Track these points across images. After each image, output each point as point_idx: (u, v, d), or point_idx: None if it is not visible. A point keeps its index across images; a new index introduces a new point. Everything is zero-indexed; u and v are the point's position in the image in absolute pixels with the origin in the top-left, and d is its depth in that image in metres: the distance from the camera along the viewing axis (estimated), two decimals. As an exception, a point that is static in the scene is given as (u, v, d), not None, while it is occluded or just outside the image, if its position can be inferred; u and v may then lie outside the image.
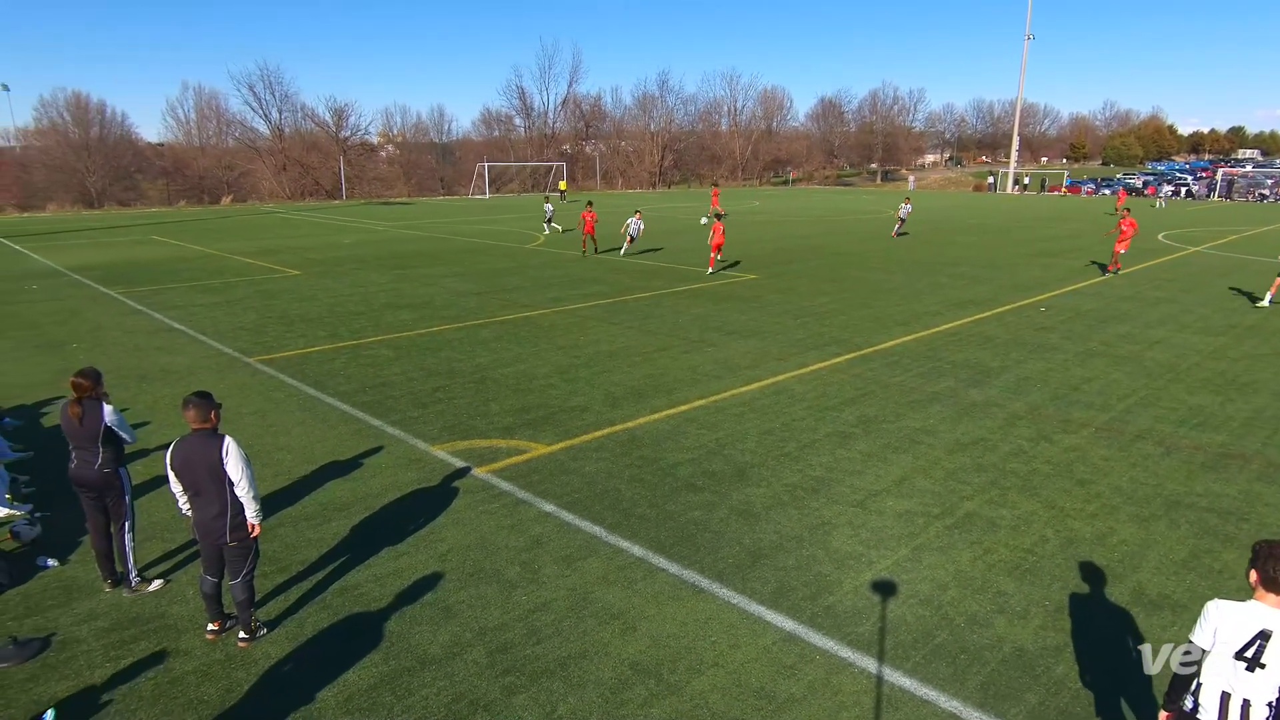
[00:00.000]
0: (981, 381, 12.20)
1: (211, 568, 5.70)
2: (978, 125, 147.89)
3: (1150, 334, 15.57)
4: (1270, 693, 3.52)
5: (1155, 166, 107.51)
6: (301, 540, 7.27)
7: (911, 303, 18.86)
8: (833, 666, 5.45)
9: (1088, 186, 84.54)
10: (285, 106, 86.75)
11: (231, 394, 11.52)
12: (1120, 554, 6.97)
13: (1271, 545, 3.61)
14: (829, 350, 14.15)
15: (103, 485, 6.28)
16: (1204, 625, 3.65)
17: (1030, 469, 8.85)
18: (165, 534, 7.33)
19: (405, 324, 16.58)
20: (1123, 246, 23.47)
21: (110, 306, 19.03)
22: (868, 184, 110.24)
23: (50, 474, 8.93)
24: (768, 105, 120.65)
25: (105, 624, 6.02)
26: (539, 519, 7.67)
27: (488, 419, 10.52)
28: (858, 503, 7.98)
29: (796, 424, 10.28)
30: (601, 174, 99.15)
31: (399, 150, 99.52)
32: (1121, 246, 23.48)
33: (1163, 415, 10.67)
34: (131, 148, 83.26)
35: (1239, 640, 3.54)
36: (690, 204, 61.84)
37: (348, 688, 5.25)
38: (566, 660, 5.52)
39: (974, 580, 6.53)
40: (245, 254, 29.51)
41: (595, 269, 24.83)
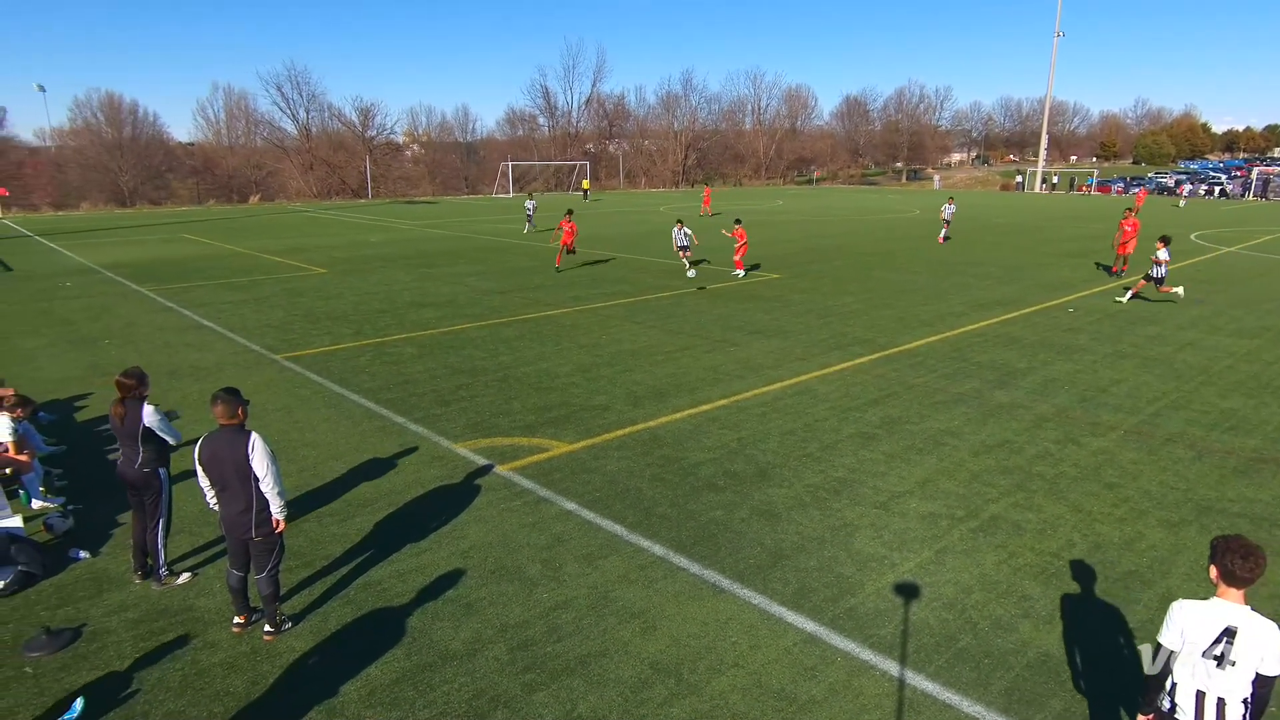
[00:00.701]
0: (1008, 383, 12.06)
1: (238, 562, 5.79)
2: (1005, 124, 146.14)
3: (1181, 336, 15.29)
4: (1244, 689, 3.51)
5: (1188, 165, 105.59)
6: (326, 535, 7.36)
7: (936, 303, 18.67)
8: (854, 669, 5.41)
9: (1117, 185, 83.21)
10: (312, 106, 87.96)
11: (258, 390, 11.68)
12: (1149, 559, 6.86)
13: (1228, 540, 3.61)
14: (852, 350, 14.05)
15: (142, 484, 6.40)
16: (1170, 626, 3.65)
17: (1057, 472, 8.73)
18: (193, 528, 7.45)
19: (429, 322, 16.70)
20: (1126, 249, 22.92)
21: (141, 303, 19.37)
22: (892, 183, 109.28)
23: (83, 468, 9.11)
24: (792, 104, 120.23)
25: (135, 615, 6.13)
26: (560, 517, 7.69)
27: (510, 417, 10.57)
28: (881, 504, 7.92)
29: (819, 424, 10.22)
30: (624, 173, 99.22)
31: (424, 150, 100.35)
32: (1125, 249, 22.94)
33: (1194, 418, 10.48)
34: (163, 147, 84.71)
35: (1206, 639, 3.53)
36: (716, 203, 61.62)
37: (370, 682, 5.30)
38: (587, 658, 5.53)
39: (999, 584, 6.46)
40: (273, 252, 29.90)
41: (618, 269, 24.86)
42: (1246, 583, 3.55)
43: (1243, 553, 3.54)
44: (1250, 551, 3.54)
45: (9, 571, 6.45)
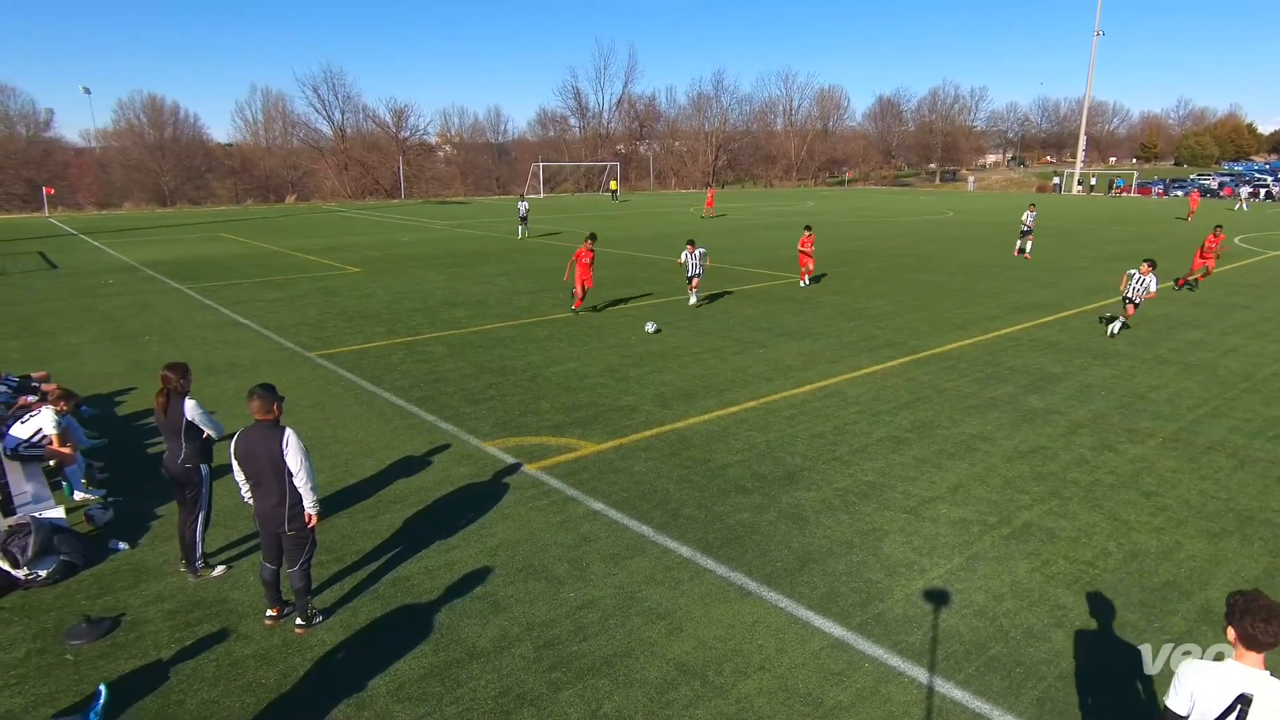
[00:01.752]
0: (1042, 388, 11.85)
1: (271, 555, 5.89)
2: (1042, 124, 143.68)
3: (1224, 341, 14.91)
4: None
5: (1232, 167, 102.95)
6: (357, 531, 7.45)
7: (970, 306, 18.42)
8: (882, 675, 5.35)
9: (1158, 188, 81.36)
10: (347, 108, 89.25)
11: (292, 387, 11.87)
12: (1188, 570, 6.70)
13: (1248, 599, 3.24)
14: (883, 353, 13.91)
15: (184, 478, 6.54)
16: (1178, 690, 3.29)
17: (1093, 479, 8.56)
18: (228, 522, 7.59)
19: (460, 321, 16.84)
20: (1208, 260, 21.51)
21: (181, 301, 19.78)
22: (925, 185, 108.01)
23: (123, 461, 9.33)
24: (824, 104, 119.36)
25: (171, 606, 6.26)
26: (587, 517, 7.71)
27: (538, 416, 10.62)
28: (910, 509, 7.83)
29: (848, 427, 10.13)
30: (655, 174, 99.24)
31: (456, 150, 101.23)
32: (1205, 261, 21.51)
33: (1236, 426, 10.21)
34: (202, 148, 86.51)
35: (1217, 707, 3.16)
36: (746, 204, 61.45)
37: (398, 677, 5.36)
38: (612, 658, 5.54)
39: (1031, 592, 6.35)
40: (308, 251, 30.36)
41: (648, 270, 24.86)
42: (1268, 647, 3.18)
43: (1265, 615, 3.16)
44: (1274, 613, 3.16)
45: (52, 561, 6.62)
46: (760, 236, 35.55)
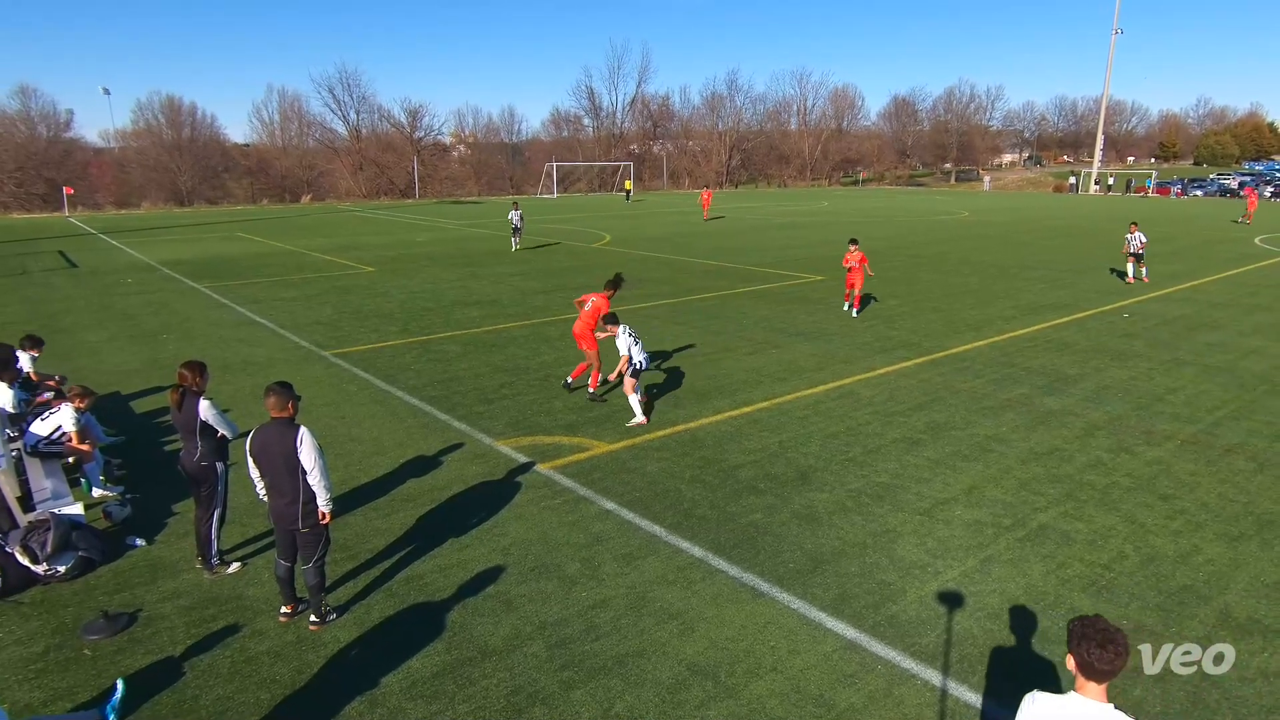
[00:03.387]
0: (1058, 389, 11.75)
1: (285, 552, 5.93)
2: (1059, 124, 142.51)
3: (1245, 343, 14.73)
4: None
5: (1253, 166, 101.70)
6: (370, 529, 7.49)
7: (985, 307, 18.29)
8: (895, 677, 5.33)
9: (1176, 187, 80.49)
10: (363, 108, 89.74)
11: (307, 386, 11.94)
12: (1206, 574, 6.62)
13: (1085, 624, 3.04)
14: (897, 354, 13.84)
15: (199, 476, 6.59)
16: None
17: (1109, 481, 8.48)
18: (244, 519, 7.65)
19: (473, 321, 16.90)
20: None
21: (198, 300, 19.96)
22: (941, 184, 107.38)
23: (141, 458, 9.42)
24: (838, 104, 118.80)
25: (187, 602, 6.31)
26: (600, 516, 7.72)
27: (551, 416, 10.64)
28: (924, 511, 7.79)
29: (862, 428, 10.09)
30: (668, 174, 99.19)
31: (470, 150, 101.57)
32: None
33: (1256, 429, 10.09)
34: (219, 148, 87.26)
35: None
36: (758, 204, 61.29)
37: (411, 674, 5.39)
38: (624, 658, 5.54)
39: (1046, 595, 6.30)
40: (323, 251, 30.56)
41: (662, 269, 24.85)
42: (1107, 676, 2.99)
43: (1100, 640, 2.96)
44: (1110, 639, 2.96)
45: (70, 557, 6.69)
46: (773, 237, 35.47)
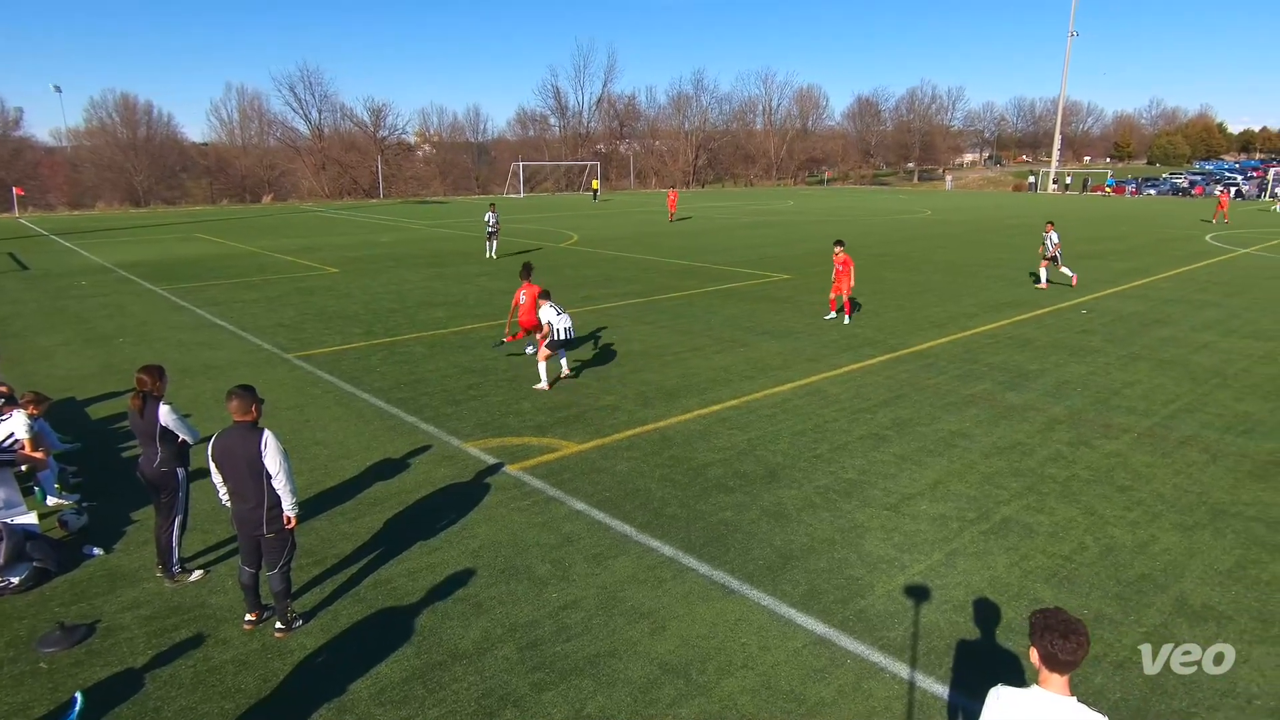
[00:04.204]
0: (1020, 384, 11.99)
1: (250, 559, 5.82)
2: (1018, 124, 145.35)
3: (1196, 338, 15.16)
4: None
5: (1203, 166, 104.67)
6: (336, 534, 7.39)
7: (948, 304, 18.58)
8: (864, 671, 5.39)
9: (1131, 186, 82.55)
10: (325, 107, 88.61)
11: (270, 389, 11.74)
12: (1162, 563, 6.80)
13: (1047, 616, 3.04)
14: (863, 351, 14.00)
15: (159, 482, 6.44)
16: (985, 718, 3.12)
17: (1069, 474, 8.67)
18: (206, 525, 7.50)
19: (440, 321, 16.75)
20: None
21: (155, 302, 19.52)
22: (904, 184, 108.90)
23: (98, 465, 9.19)
24: (803, 104, 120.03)
25: (148, 612, 6.17)
26: (570, 517, 7.70)
27: (520, 417, 10.59)
28: (891, 506, 7.89)
29: (829, 425, 10.19)
30: (635, 173, 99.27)
31: (435, 150, 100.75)
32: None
33: (1209, 421, 10.39)
34: (177, 147, 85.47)
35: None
36: (724, 203, 61.60)
37: (380, 680, 5.32)
38: (596, 658, 5.53)
39: (1010, 587, 6.42)
40: (285, 252, 30.08)
41: (629, 269, 24.86)
42: (1069, 667, 2.99)
43: (1062, 631, 2.96)
44: (1071, 630, 2.96)
45: (25, 568, 6.50)
46: (740, 236, 35.67)
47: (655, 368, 12.96)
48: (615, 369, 12.91)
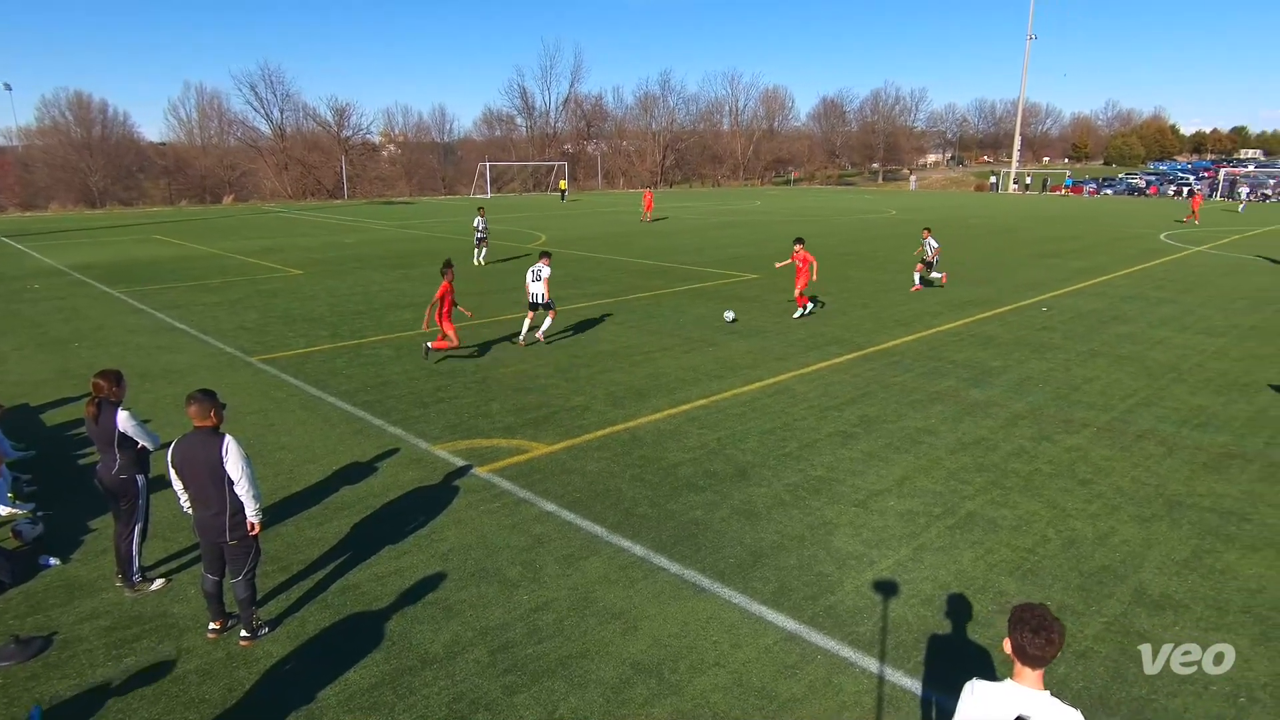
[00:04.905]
0: (983, 381, 12.19)
1: (213, 566, 5.71)
2: (980, 125, 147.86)
3: (1152, 334, 15.55)
4: None
5: (1157, 166, 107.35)
6: (303, 539, 7.28)
7: (913, 302, 18.84)
8: (834, 666, 5.44)
9: (1090, 186, 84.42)
10: (287, 106, 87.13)
11: (233, 393, 11.52)
12: (1122, 554, 6.96)
13: (1022, 611, 3.08)
14: (830, 350, 14.14)
15: (118, 489, 6.28)
16: (961, 711, 3.15)
17: (1032, 469, 8.84)
18: (167, 533, 7.34)
19: (407, 323, 16.58)
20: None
21: (112, 305, 19.05)
22: (869, 184, 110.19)
23: (54, 473, 8.95)
24: (769, 105, 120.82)
25: (107, 623, 6.02)
26: (540, 518, 7.66)
27: (489, 418, 10.52)
28: (859, 502, 7.98)
29: (798, 424, 10.27)
30: (603, 174, 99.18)
31: (400, 150, 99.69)
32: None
33: (1165, 415, 10.66)
34: (133, 147, 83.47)
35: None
36: (693, 203, 61.79)
37: (349, 687, 5.25)
38: (568, 659, 5.52)
39: (975, 580, 6.53)
40: (247, 253, 29.55)
41: (597, 269, 24.82)
42: (1040, 661, 3.02)
43: (1034, 625, 3.00)
44: (1043, 625, 3.00)
45: (-24, 579, 6.31)
46: (709, 236, 35.81)
47: (625, 368, 12.96)
48: (584, 369, 12.88)
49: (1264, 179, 75.12)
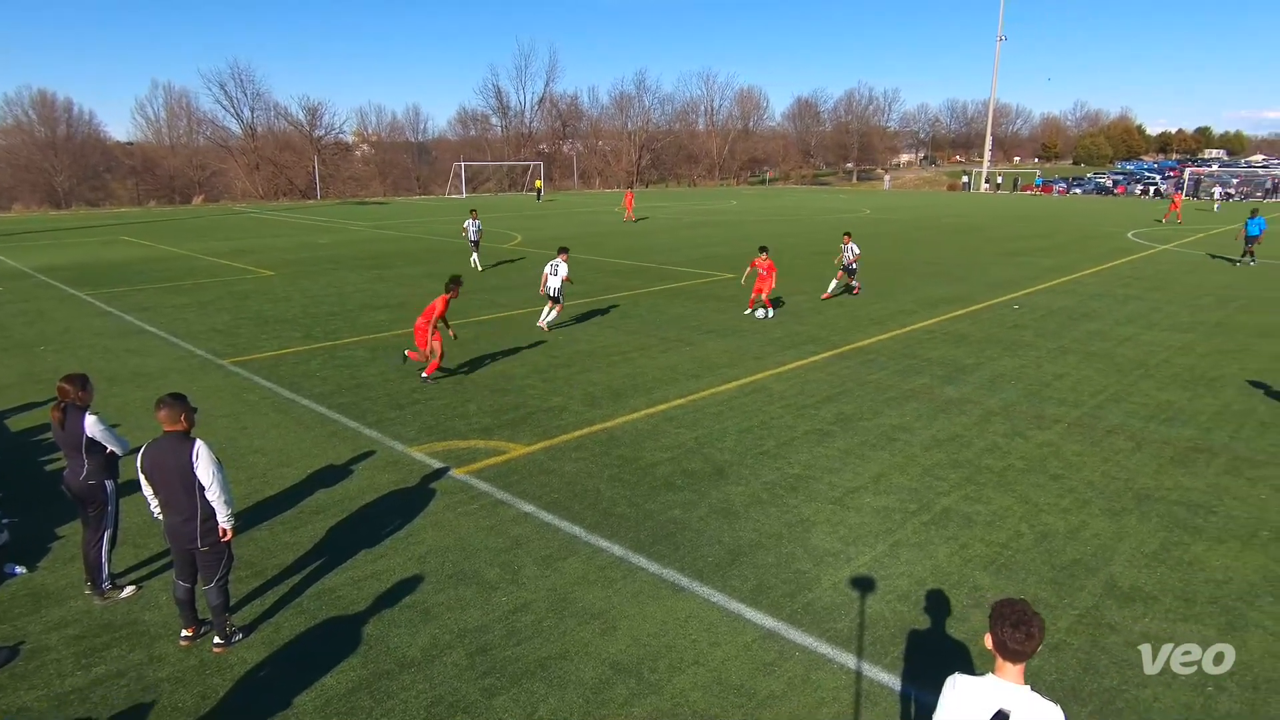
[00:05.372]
0: (956, 378, 12.33)
1: (184, 573, 5.62)
2: (952, 125, 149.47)
3: (1120, 331, 15.82)
4: None
5: (1124, 166, 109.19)
6: (277, 544, 7.19)
7: (887, 301, 19.01)
8: (812, 663, 5.48)
9: (1059, 185, 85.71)
10: (257, 105, 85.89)
11: (204, 396, 11.35)
12: (1093, 547, 7.08)
13: (1003, 606, 3.10)
14: (806, 349, 14.23)
15: (86, 495, 6.16)
16: (943, 707, 3.16)
17: (1005, 465, 8.96)
18: (137, 539, 7.21)
19: (382, 324, 16.44)
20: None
21: (79, 308, 18.69)
22: (844, 183, 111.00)
23: (19, 479, 8.76)
24: (744, 105, 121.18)
25: (76, 631, 5.91)
26: (518, 519, 7.64)
27: (466, 420, 10.46)
28: (836, 500, 8.04)
29: (775, 422, 10.33)
30: (579, 173, 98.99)
31: (374, 150, 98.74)
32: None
33: (1133, 411, 10.85)
34: (100, 147, 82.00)
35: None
36: (669, 203, 61.86)
37: (325, 692, 5.20)
38: (547, 661, 5.50)
39: (950, 575, 6.60)
40: (218, 254, 29.13)
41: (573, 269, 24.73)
42: (1020, 656, 3.05)
43: (1014, 620, 3.03)
44: (1023, 620, 3.02)
45: (-61, 589, 6.16)
46: (685, 236, 35.88)
47: (602, 368, 12.95)
48: (562, 370, 12.85)
49: (1227, 178, 76.69)
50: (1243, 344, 14.72)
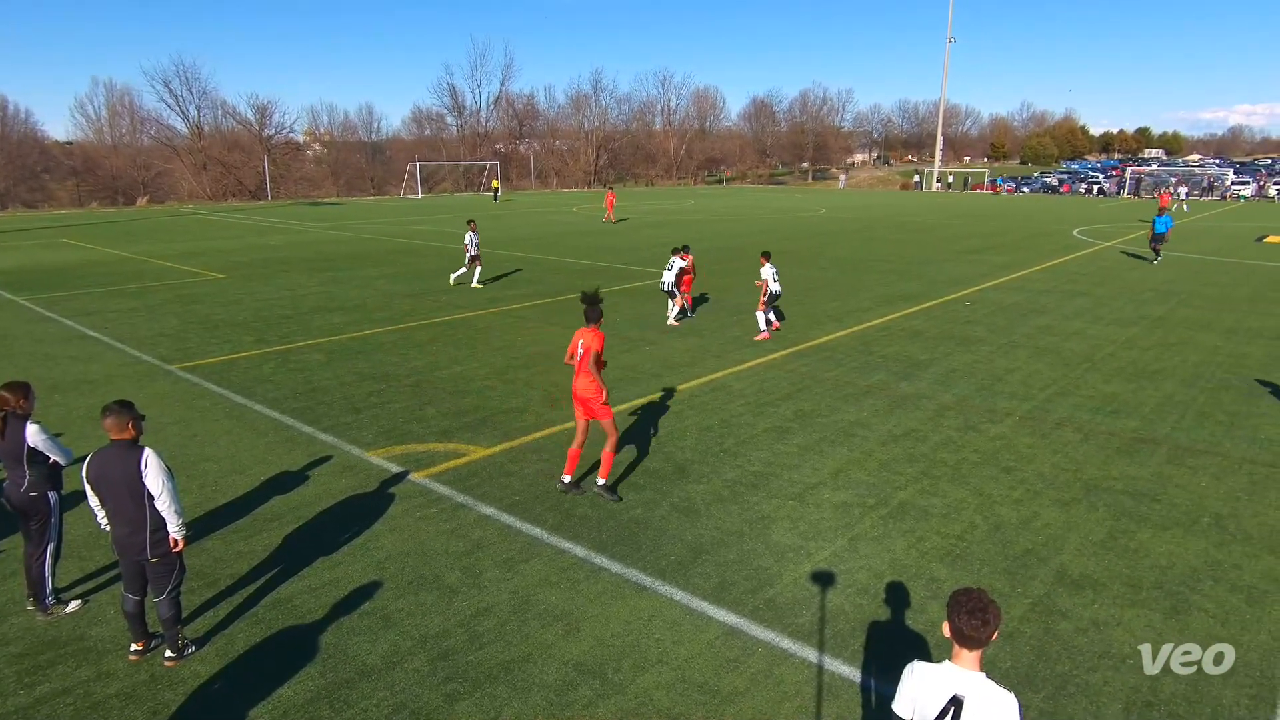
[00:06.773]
0: (912, 374, 12.55)
1: (133, 585, 5.45)
2: (904, 125, 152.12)
3: (1068, 326, 16.26)
4: None
5: (1069, 165, 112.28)
6: (230, 553, 7.02)
7: (844, 298, 19.28)
8: (774, 658, 5.53)
9: (1008, 185, 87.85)
10: (204, 103, 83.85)
11: (152, 403, 11.04)
12: (1044, 537, 7.26)
13: (959, 595, 3.15)
14: (765, 347, 14.35)
15: (28, 508, 5.93)
16: (901, 693, 3.25)
17: (959, 458, 9.15)
18: (82, 552, 6.98)
19: (336, 327, 16.16)
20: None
21: (17, 313, 18.03)
22: (799, 183, 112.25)
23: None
24: (700, 105, 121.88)
25: (18, 649, 5.70)
26: (479, 522, 7.57)
27: (424, 423, 10.34)
28: (796, 496, 8.12)
29: (735, 420, 10.40)
30: (536, 173, 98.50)
31: (326, 149, 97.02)
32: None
33: (1081, 403, 11.16)
34: (38, 146, 79.24)
35: (934, 709, 3.12)
36: (627, 203, 61.84)
37: (282, 704, 5.09)
38: (510, 664, 5.46)
39: (908, 568, 6.72)
40: (164, 257, 28.34)
41: (532, 270, 24.63)
42: (976, 644, 3.10)
43: (970, 608, 3.07)
44: (979, 608, 3.07)
45: None
46: (644, 235, 35.93)
47: (562, 369, 12.89)
48: (522, 371, 12.78)
49: (1166, 177, 79.33)
50: (1183, 337, 15.24)
